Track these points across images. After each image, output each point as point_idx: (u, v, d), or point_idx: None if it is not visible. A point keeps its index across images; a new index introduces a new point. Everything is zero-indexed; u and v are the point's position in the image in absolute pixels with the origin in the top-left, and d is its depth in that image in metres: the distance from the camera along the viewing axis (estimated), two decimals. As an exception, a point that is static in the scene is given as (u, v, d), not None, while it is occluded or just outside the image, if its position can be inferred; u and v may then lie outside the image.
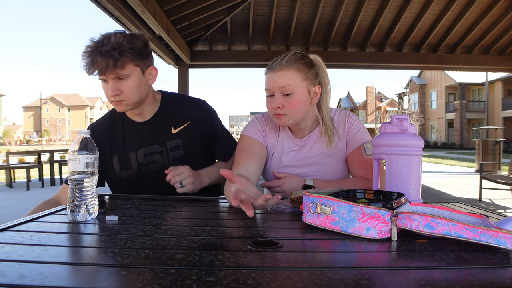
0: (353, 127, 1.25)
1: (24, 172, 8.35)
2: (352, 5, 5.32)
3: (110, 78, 1.10)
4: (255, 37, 5.89)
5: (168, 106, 1.30)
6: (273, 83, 1.13)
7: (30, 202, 5.27)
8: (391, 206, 0.72)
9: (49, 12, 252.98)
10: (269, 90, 1.16)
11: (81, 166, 0.83)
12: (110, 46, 1.06)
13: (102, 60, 1.06)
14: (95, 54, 1.06)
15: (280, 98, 1.13)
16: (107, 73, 1.09)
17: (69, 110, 67.82)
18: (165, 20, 4.23)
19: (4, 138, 54.18)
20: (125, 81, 1.12)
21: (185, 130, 1.28)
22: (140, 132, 1.26)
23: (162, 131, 1.26)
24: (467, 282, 0.50)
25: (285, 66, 1.13)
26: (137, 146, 1.26)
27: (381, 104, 40.95)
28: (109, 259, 0.58)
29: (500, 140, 9.03)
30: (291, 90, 1.12)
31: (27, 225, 0.79)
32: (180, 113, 1.29)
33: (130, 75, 1.12)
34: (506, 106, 24.24)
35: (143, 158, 1.26)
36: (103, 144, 1.27)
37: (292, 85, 1.12)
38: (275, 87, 1.13)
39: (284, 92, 1.12)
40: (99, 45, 1.07)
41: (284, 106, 1.13)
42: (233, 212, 1.03)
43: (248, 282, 0.48)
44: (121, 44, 1.08)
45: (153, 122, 1.27)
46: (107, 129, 1.30)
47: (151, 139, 1.26)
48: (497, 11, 5.44)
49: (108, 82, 1.11)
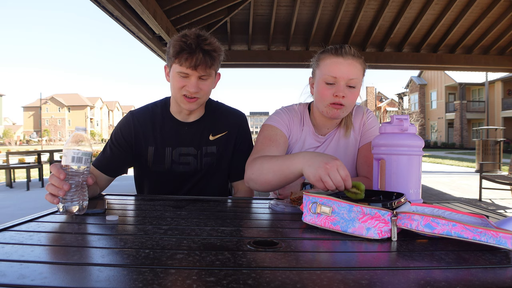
0: (369, 122, 1.26)
1: (24, 172, 8.35)
2: (352, 5, 5.32)
3: (195, 75, 1.13)
4: (255, 37, 5.89)
5: (212, 113, 1.32)
6: (343, 71, 1.08)
7: (30, 202, 5.27)
8: (391, 206, 0.72)
9: (49, 12, 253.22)
10: (335, 78, 1.10)
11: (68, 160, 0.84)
12: (211, 47, 1.11)
13: (202, 57, 1.09)
14: (198, 49, 1.09)
15: (344, 88, 1.10)
16: (199, 69, 1.11)
17: (69, 110, 67.80)
18: (165, 20, 4.23)
19: (4, 138, 54.19)
20: (206, 81, 1.16)
21: (222, 138, 1.30)
22: (181, 131, 1.28)
23: (201, 135, 1.28)
24: (467, 282, 0.50)
25: (356, 58, 1.11)
26: (175, 144, 1.27)
27: (381, 104, 40.97)
28: (109, 259, 0.58)
29: (500, 140, 9.02)
30: (356, 84, 1.11)
31: (27, 225, 0.79)
32: (220, 122, 1.31)
33: (210, 76, 1.17)
34: (506, 106, 24.24)
35: (177, 157, 1.27)
36: (142, 132, 1.27)
37: (358, 79, 1.11)
38: (343, 76, 1.09)
39: (350, 84, 1.10)
40: (201, 42, 1.10)
41: (346, 97, 1.10)
42: (233, 212, 1.03)
43: (248, 282, 0.48)
44: (218, 49, 1.15)
45: (195, 125, 1.29)
46: (148, 120, 1.29)
47: (189, 140, 1.28)
48: (497, 11, 5.44)
49: (189, 77, 1.13)
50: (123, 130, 1.27)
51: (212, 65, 1.13)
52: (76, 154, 0.84)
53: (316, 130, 1.27)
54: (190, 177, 1.28)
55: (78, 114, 67.47)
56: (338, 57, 1.10)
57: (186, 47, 1.08)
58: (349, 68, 1.09)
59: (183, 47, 1.09)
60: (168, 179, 1.29)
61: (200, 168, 1.28)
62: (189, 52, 1.08)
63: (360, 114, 1.27)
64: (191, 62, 1.09)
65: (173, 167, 1.27)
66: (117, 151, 1.25)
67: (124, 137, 1.26)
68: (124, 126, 1.27)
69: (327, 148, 1.26)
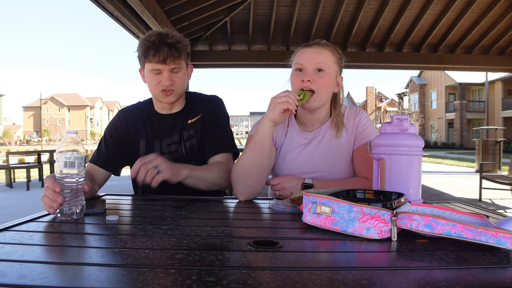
0: (362, 123, 1.26)
1: (24, 172, 8.34)
2: (352, 5, 5.33)
3: (166, 69, 1.20)
4: (255, 37, 5.90)
5: (190, 102, 1.40)
6: (308, 57, 1.17)
7: (30, 202, 5.27)
8: (391, 206, 0.72)
9: (49, 12, 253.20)
10: (301, 65, 1.18)
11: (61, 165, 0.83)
12: (174, 39, 1.19)
13: (167, 50, 1.17)
14: (162, 44, 1.17)
15: (312, 72, 1.16)
16: (168, 62, 1.19)
17: (69, 110, 67.80)
18: (165, 20, 4.23)
19: (4, 138, 54.18)
20: (178, 73, 1.24)
21: (197, 121, 1.36)
22: (166, 123, 1.35)
23: (182, 122, 1.35)
24: (467, 282, 0.50)
25: (323, 46, 1.19)
26: (162, 136, 1.34)
27: (381, 104, 40.98)
28: (109, 259, 0.58)
29: (500, 140, 9.02)
30: (325, 68, 1.16)
31: (27, 225, 0.79)
32: (196, 106, 1.38)
33: (182, 68, 1.25)
34: (506, 106, 24.24)
35: (166, 147, 1.34)
36: (133, 128, 1.35)
37: (326, 63, 1.17)
38: (310, 61, 1.16)
39: (317, 67, 1.16)
40: (164, 37, 1.18)
41: (314, 81, 1.15)
42: (233, 212, 1.03)
43: (248, 282, 0.48)
44: (181, 40, 1.22)
45: (178, 115, 1.36)
46: (138, 116, 1.37)
47: (173, 129, 1.35)
48: (497, 11, 5.44)
49: (162, 73, 1.21)
50: (117, 126, 1.34)
51: (179, 56, 1.21)
52: (68, 159, 0.82)
53: (302, 127, 1.30)
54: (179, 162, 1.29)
55: (78, 114, 67.47)
56: (306, 48, 1.20)
57: (151, 44, 1.17)
58: (315, 54, 1.17)
59: (148, 45, 1.18)
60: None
61: (185, 152, 1.34)
62: (154, 48, 1.16)
63: (353, 115, 1.27)
64: (159, 57, 1.17)
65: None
66: (112, 145, 1.31)
67: (118, 132, 1.33)
68: (117, 122, 1.35)
69: (317, 147, 1.26)
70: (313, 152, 1.25)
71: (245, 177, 1.13)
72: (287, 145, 1.29)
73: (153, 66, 1.19)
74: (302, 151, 1.26)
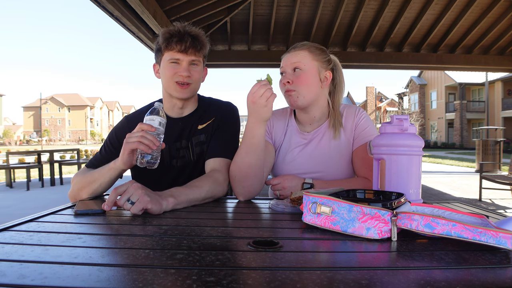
0: (361, 123, 1.26)
1: (24, 172, 8.35)
2: (352, 5, 5.32)
3: (186, 60, 1.20)
4: (255, 37, 5.89)
5: (203, 106, 1.37)
6: (286, 61, 1.22)
7: (30, 202, 5.27)
8: (391, 206, 0.72)
9: (49, 13, 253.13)
10: (282, 68, 1.24)
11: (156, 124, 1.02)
12: (196, 33, 1.21)
13: (191, 41, 1.18)
14: (186, 34, 1.18)
15: (290, 74, 1.20)
16: (189, 53, 1.19)
17: (69, 110, 67.78)
18: (165, 20, 4.23)
19: (4, 138, 54.17)
20: (196, 67, 1.23)
21: (209, 126, 1.33)
22: (175, 127, 1.31)
23: (192, 127, 1.33)
24: (467, 282, 0.50)
25: (299, 48, 1.22)
26: (170, 141, 1.31)
27: (381, 104, 40.94)
28: (109, 259, 0.58)
29: (500, 140, 9.02)
30: (300, 66, 1.19)
31: (27, 225, 0.79)
32: (208, 111, 1.35)
33: (200, 64, 1.25)
34: (506, 106, 24.23)
35: (175, 152, 1.32)
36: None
37: (302, 62, 1.19)
38: (287, 64, 1.21)
39: (293, 66, 1.20)
40: (188, 29, 1.20)
41: (293, 82, 1.18)
42: (233, 212, 1.03)
43: (248, 282, 0.48)
44: (203, 35, 1.25)
45: (187, 119, 1.33)
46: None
47: (182, 134, 1.32)
48: (497, 11, 5.44)
49: (181, 63, 1.20)
50: (118, 134, 1.31)
51: (201, 50, 1.22)
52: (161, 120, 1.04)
53: (300, 127, 1.31)
54: (185, 168, 1.31)
55: (78, 114, 67.47)
56: (286, 54, 1.25)
57: (175, 32, 1.18)
58: (292, 57, 1.21)
59: (172, 33, 1.18)
60: (167, 174, 1.32)
61: (193, 158, 1.31)
62: (178, 36, 1.17)
63: (352, 115, 1.27)
64: (182, 45, 1.17)
65: (171, 163, 1.31)
66: (110, 152, 1.29)
67: (119, 140, 1.28)
68: (119, 130, 1.32)
69: (316, 148, 1.26)
70: (312, 153, 1.25)
71: (242, 178, 1.12)
72: (286, 145, 1.29)
73: (172, 55, 1.18)
74: (301, 151, 1.27)
